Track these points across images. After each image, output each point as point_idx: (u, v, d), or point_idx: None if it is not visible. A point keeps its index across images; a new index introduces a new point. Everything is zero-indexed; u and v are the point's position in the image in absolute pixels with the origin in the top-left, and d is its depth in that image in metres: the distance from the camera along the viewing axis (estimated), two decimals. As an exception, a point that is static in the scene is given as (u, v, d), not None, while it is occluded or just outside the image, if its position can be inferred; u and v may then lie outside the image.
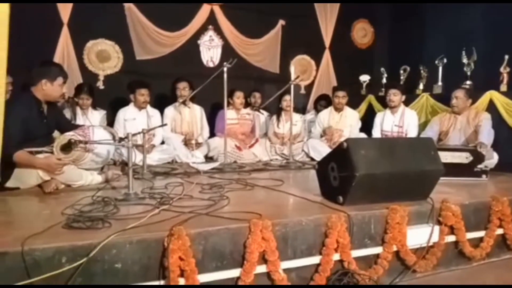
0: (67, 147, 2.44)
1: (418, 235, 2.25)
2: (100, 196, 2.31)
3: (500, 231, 2.57)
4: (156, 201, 2.25)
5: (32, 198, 2.46)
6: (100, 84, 5.05)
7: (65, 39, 4.85)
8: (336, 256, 2.02)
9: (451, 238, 2.40)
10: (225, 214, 2.02)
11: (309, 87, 6.33)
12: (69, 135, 2.51)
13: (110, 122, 4.41)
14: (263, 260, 1.86)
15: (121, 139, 2.65)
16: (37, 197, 2.48)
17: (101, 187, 2.64)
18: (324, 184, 2.48)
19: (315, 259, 2.00)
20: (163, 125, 3.96)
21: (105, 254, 1.59)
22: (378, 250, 2.18)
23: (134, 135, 2.98)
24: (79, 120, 3.98)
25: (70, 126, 2.97)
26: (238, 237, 1.82)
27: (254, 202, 2.41)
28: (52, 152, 2.48)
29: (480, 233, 2.54)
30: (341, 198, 2.26)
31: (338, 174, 2.30)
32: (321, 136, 4.78)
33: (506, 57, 4.17)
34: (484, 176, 3.33)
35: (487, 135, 3.66)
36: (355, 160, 2.17)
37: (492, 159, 3.60)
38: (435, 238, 2.29)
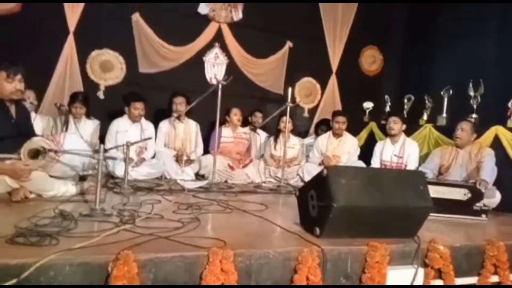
0: (36, 153, 2.34)
1: (400, 277, 2.05)
2: (62, 209, 2.19)
3: (495, 278, 2.35)
4: (119, 220, 2.12)
5: (-4, 206, 2.36)
6: (101, 94, 5.05)
7: (70, 47, 4.89)
8: (306, 295, 1.85)
9: (438, 283, 2.19)
10: (188, 239, 1.87)
11: (313, 111, 6.22)
12: (38, 139, 2.41)
13: (105, 132, 4.36)
14: (221, 294, 1.70)
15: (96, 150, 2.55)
16: (2, 205, 2.37)
17: (72, 199, 2.52)
18: (303, 213, 2.32)
19: (292, 285, 1.83)
20: (146, 139, 3.87)
21: (41, 276, 1.45)
22: (354, 291, 2.00)
23: (110, 148, 2.90)
24: (71, 129, 3.91)
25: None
26: (194, 267, 1.67)
27: (226, 227, 2.26)
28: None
29: (473, 280, 2.32)
30: (318, 230, 2.09)
31: (316, 203, 2.14)
32: (319, 165, 4.63)
33: (515, 91, 4.00)
34: (483, 215, 3.11)
35: (489, 172, 3.45)
36: (334, 189, 2.01)
37: (493, 198, 3.39)
38: (419, 281, 2.09)
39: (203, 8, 5.43)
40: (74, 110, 4.05)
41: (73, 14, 4.84)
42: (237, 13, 5.61)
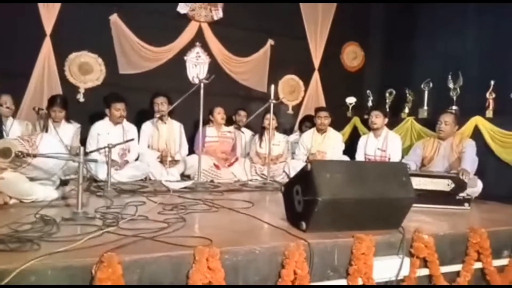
0: (7, 153, 2.28)
1: (387, 268, 2.08)
2: (44, 214, 2.14)
3: (478, 265, 2.40)
4: (102, 222, 2.08)
5: (-26, 214, 2.29)
6: (80, 97, 4.96)
7: (47, 50, 4.79)
8: (294, 289, 1.85)
9: (424, 272, 2.22)
10: (173, 239, 1.85)
11: (297, 108, 6.24)
12: (11, 139, 2.35)
13: (86, 135, 4.28)
14: (209, 292, 1.68)
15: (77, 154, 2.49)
16: (-20, 213, 2.31)
17: (54, 204, 2.47)
18: (289, 208, 2.32)
19: (287, 285, 1.82)
20: (128, 140, 3.81)
21: (23, 281, 1.41)
22: (342, 283, 2.01)
23: (92, 151, 2.84)
24: (50, 133, 3.83)
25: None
26: (180, 266, 1.65)
27: (212, 226, 2.25)
28: None
29: (457, 267, 2.36)
30: (304, 224, 2.10)
31: (302, 198, 2.15)
32: (305, 161, 4.65)
33: (492, 82, 4.08)
34: (466, 204, 3.18)
35: (470, 163, 3.52)
36: (318, 183, 2.02)
37: (476, 187, 3.46)
38: (405, 271, 2.12)
39: (182, 7, 5.39)
40: (53, 114, 3.97)
41: (48, 16, 4.74)
42: (217, 12, 5.58)
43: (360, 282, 2.01)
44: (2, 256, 1.54)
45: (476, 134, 3.95)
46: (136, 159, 4.24)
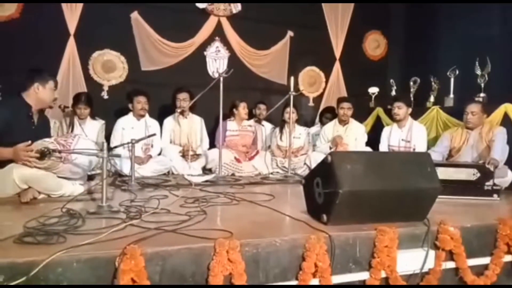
0: (43, 154, 2.37)
1: (411, 260, 2.03)
2: (69, 208, 2.20)
3: (508, 257, 2.32)
4: (126, 216, 2.12)
5: (5, 207, 2.38)
6: (105, 94, 5.07)
7: (71, 50, 4.90)
8: (314, 282, 1.84)
9: (450, 265, 2.16)
10: (195, 231, 1.87)
11: (318, 99, 6.17)
12: (49, 141, 2.44)
13: (111, 131, 4.38)
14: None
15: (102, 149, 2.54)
16: (11, 207, 2.40)
17: (80, 198, 2.54)
18: (309, 201, 2.30)
19: (290, 285, 1.82)
20: (151, 135, 3.87)
21: (50, 273, 1.46)
22: (364, 276, 1.98)
23: (116, 147, 2.91)
24: (76, 130, 3.95)
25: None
26: (201, 258, 1.67)
27: (233, 218, 2.26)
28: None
29: (485, 260, 2.29)
30: (325, 217, 2.08)
31: (322, 191, 2.12)
32: (330, 149, 4.57)
33: (522, 68, 3.91)
34: (495, 195, 3.06)
35: (500, 151, 3.38)
36: (339, 175, 1.99)
37: (505, 177, 3.33)
38: (430, 264, 2.07)
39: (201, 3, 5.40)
40: (79, 111, 4.08)
41: (72, 16, 4.85)
42: (236, 6, 5.57)
43: (383, 274, 1.98)
44: (31, 249, 1.60)
45: (506, 122, 3.78)
46: (159, 154, 4.32)
